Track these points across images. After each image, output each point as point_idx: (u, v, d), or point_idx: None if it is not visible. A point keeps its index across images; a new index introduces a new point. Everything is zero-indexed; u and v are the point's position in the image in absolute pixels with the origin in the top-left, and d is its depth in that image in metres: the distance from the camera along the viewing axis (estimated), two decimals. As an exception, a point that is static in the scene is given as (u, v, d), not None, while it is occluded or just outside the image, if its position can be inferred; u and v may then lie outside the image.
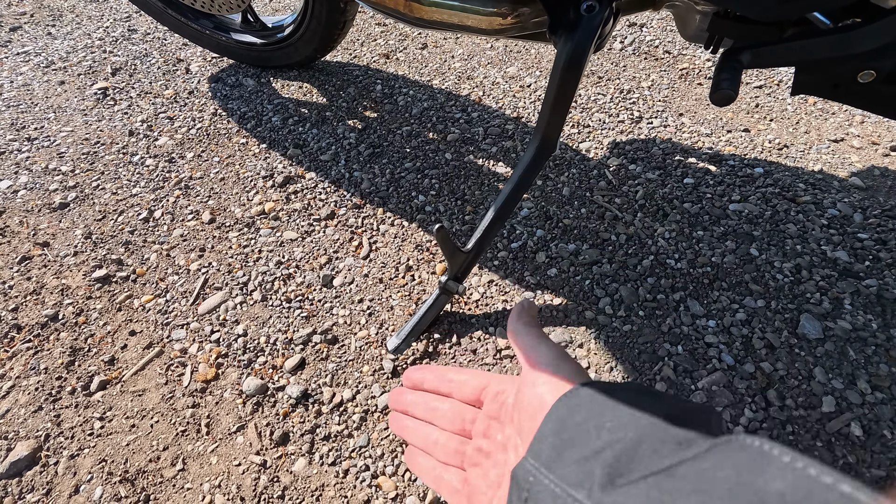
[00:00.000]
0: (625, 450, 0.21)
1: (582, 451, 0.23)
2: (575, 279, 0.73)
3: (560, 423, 0.25)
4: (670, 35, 1.21)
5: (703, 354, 0.64)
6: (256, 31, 1.11)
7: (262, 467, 0.58)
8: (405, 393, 0.41)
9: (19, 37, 1.35)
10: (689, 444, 0.20)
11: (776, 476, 0.16)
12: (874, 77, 0.47)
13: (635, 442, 0.22)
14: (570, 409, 0.26)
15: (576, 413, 0.25)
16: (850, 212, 0.79)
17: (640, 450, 0.21)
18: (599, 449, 0.22)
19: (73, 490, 0.57)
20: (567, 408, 0.26)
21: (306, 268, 0.77)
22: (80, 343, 0.70)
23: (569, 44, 0.50)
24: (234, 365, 0.67)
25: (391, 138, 0.99)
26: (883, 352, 0.63)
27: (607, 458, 0.21)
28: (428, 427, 0.37)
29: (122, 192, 0.91)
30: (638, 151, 0.93)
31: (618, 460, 0.21)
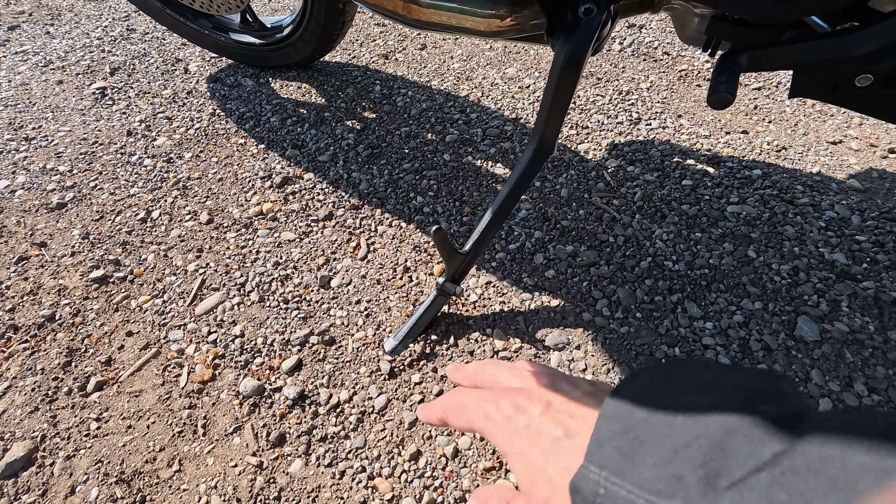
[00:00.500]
0: (714, 445, 0.18)
1: (659, 452, 0.19)
2: (573, 281, 0.73)
3: (621, 423, 0.21)
4: (669, 37, 1.21)
5: (701, 356, 0.64)
6: (255, 32, 1.11)
7: (258, 468, 0.58)
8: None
9: (17, 36, 1.34)
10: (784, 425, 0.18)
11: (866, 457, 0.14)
12: (872, 80, 0.47)
13: (723, 433, 0.18)
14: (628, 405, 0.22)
15: (637, 408, 0.21)
16: (847, 214, 0.80)
17: (731, 442, 0.18)
18: (681, 446, 0.19)
19: (69, 491, 0.57)
20: (624, 404, 0.22)
21: (304, 269, 0.77)
22: (76, 344, 0.70)
23: (567, 46, 0.50)
24: (231, 366, 0.67)
25: (390, 139, 0.99)
26: (880, 354, 0.63)
27: (696, 456, 0.18)
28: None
29: (120, 193, 0.91)
30: (636, 153, 0.93)
31: (710, 458, 0.18)
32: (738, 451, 0.17)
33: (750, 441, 0.18)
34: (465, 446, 0.58)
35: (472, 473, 0.56)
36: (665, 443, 0.19)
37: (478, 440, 0.59)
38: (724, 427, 0.18)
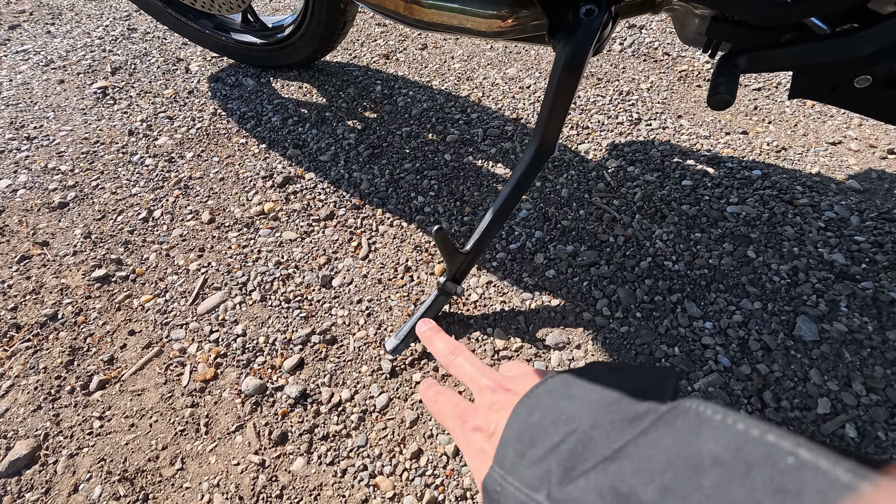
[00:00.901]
0: (579, 439, 0.21)
1: (540, 450, 0.22)
2: (573, 280, 0.74)
3: (521, 426, 0.25)
4: (669, 37, 1.22)
5: (700, 356, 0.65)
6: (256, 31, 1.11)
7: (260, 467, 0.58)
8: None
9: (18, 35, 1.34)
10: (640, 419, 0.20)
11: (710, 437, 0.17)
12: (871, 82, 0.47)
13: (589, 428, 0.21)
14: (528, 410, 0.25)
15: (534, 412, 0.25)
16: (847, 214, 0.80)
17: (594, 436, 0.21)
18: (556, 444, 0.22)
19: (73, 489, 0.57)
20: (526, 409, 0.25)
21: (305, 268, 0.78)
22: (79, 342, 0.70)
23: (568, 47, 0.50)
24: (232, 365, 0.67)
25: (390, 139, 0.99)
26: (878, 354, 0.63)
27: (563, 452, 0.21)
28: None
29: (122, 192, 0.91)
30: (636, 153, 0.93)
31: (573, 452, 0.21)
32: (597, 443, 0.20)
33: (607, 435, 0.20)
34: (466, 445, 0.59)
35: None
36: (547, 441, 0.22)
37: (479, 439, 0.59)
38: (591, 423, 0.21)
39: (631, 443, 0.19)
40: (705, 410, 0.18)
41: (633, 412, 0.21)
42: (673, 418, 0.19)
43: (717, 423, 0.17)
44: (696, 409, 0.18)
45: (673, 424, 0.18)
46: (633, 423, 0.20)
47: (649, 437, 0.19)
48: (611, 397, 0.23)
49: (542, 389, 0.26)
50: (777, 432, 0.16)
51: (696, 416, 0.18)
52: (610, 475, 0.18)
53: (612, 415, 0.21)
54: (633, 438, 0.19)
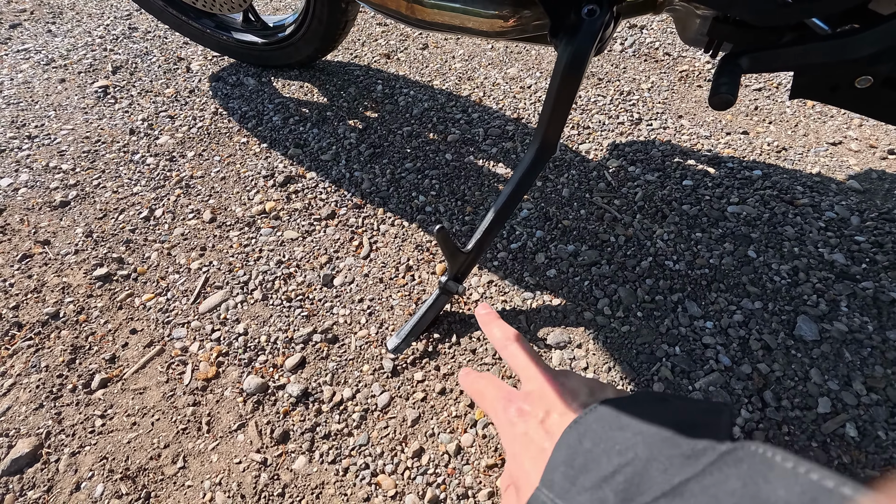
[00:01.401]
0: (636, 472, 0.21)
1: (593, 478, 0.22)
2: (574, 280, 0.74)
3: (570, 451, 0.25)
4: (670, 37, 1.22)
5: (701, 355, 0.65)
6: (257, 31, 1.11)
7: (262, 465, 0.58)
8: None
9: (19, 34, 1.34)
10: (697, 457, 0.20)
11: (780, 485, 0.17)
12: (872, 82, 0.48)
13: (645, 461, 0.21)
14: (579, 436, 0.25)
15: (585, 439, 0.25)
16: (847, 215, 0.80)
17: (650, 469, 0.21)
18: (610, 473, 0.22)
19: (74, 487, 0.57)
20: (577, 434, 0.26)
21: (307, 267, 0.78)
22: (81, 341, 0.70)
23: (570, 47, 0.51)
24: (234, 363, 0.67)
25: (392, 138, 0.99)
26: (878, 354, 0.64)
27: (619, 482, 0.21)
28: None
29: (123, 191, 0.91)
30: (637, 153, 0.93)
31: (630, 483, 0.21)
32: (654, 477, 0.21)
33: (665, 469, 0.21)
34: (468, 443, 0.59)
35: (474, 470, 0.57)
36: (600, 469, 0.23)
37: (480, 438, 0.59)
38: (647, 456, 0.22)
39: (693, 480, 0.19)
40: (774, 456, 0.18)
41: (690, 448, 0.21)
42: (737, 460, 0.19)
43: (787, 471, 0.17)
44: (764, 454, 0.18)
45: (738, 466, 0.18)
46: (691, 459, 0.20)
47: (714, 476, 0.19)
48: (666, 430, 0.23)
49: (591, 417, 0.26)
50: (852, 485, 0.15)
51: (763, 460, 0.18)
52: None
53: (669, 449, 0.22)
54: (694, 476, 0.19)
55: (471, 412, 0.61)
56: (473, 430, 0.60)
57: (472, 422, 0.60)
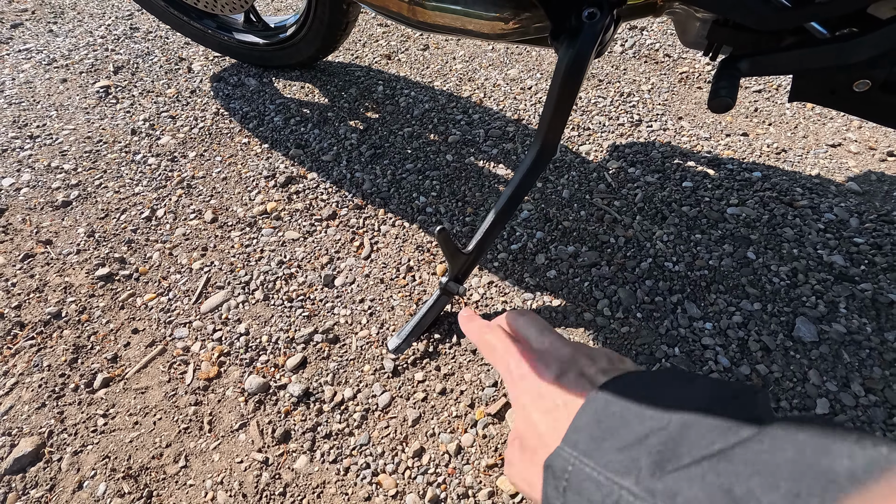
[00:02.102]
0: (671, 436, 0.20)
1: (624, 439, 0.21)
2: (574, 281, 0.74)
3: (597, 414, 0.24)
4: (670, 39, 1.22)
5: (700, 356, 0.65)
6: (259, 31, 1.11)
7: (263, 465, 0.58)
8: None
9: (20, 34, 1.35)
10: (738, 427, 0.19)
11: (843, 454, 0.16)
12: (870, 86, 0.48)
13: (681, 427, 0.20)
14: (606, 401, 0.24)
15: (612, 404, 0.24)
16: (846, 216, 0.80)
17: (687, 435, 0.20)
18: (643, 436, 0.21)
19: (77, 486, 0.58)
20: (604, 399, 0.24)
21: (308, 267, 0.78)
22: (83, 341, 0.71)
23: (570, 50, 0.51)
24: (236, 363, 0.67)
25: (392, 139, 0.99)
26: (877, 355, 0.64)
27: (653, 444, 0.20)
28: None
29: (125, 191, 0.91)
30: (637, 154, 0.94)
31: (665, 446, 0.20)
32: (691, 443, 0.20)
33: (702, 436, 0.20)
34: (468, 443, 0.59)
35: (474, 470, 0.57)
36: (631, 432, 0.22)
37: (480, 438, 0.59)
38: (683, 423, 0.21)
39: (740, 445, 0.18)
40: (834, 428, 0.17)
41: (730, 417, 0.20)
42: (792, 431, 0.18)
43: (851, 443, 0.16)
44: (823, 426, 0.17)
45: (793, 437, 0.17)
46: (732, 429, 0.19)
47: (765, 444, 0.18)
48: (700, 400, 0.22)
49: (620, 384, 0.25)
50: None
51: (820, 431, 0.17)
52: (721, 473, 0.17)
53: (707, 418, 0.20)
54: (741, 442, 0.18)
55: (471, 412, 0.62)
56: (474, 430, 0.60)
57: (473, 422, 0.61)
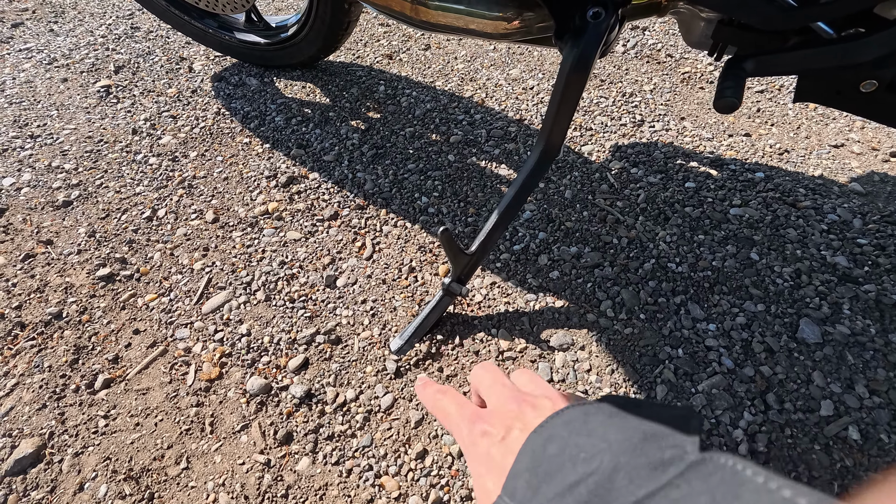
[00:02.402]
0: (600, 482, 0.21)
1: (557, 487, 0.22)
2: (577, 282, 0.74)
3: (534, 458, 0.24)
4: (672, 39, 1.22)
5: (704, 358, 0.65)
6: (260, 31, 1.11)
7: (265, 466, 0.58)
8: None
9: (21, 33, 1.34)
10: (665, 467, 0.20)
11: (751, 501, 0.16)
12: (876, 86, 0.48)
13: (610, 471, 0.21)
14: (544, 441, 0.24)
15: (550, 444, 0.24)
16: (849, 217, 0.80)
17: (615, 480, 0.20)
18: (574, 483, 0.21)
19: (78, 487, 0.57)
20: (541, 440, 0.25)
21: (309, 268, 0.78)
22: (83, 341, 0.70)
23: (575, 49, 0.51)
24: (237, 364, 0.67)
25: (394, 139, 0.99)
26: (881, 357, 0.64)
27: (582, 493, 0.21)
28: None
29: (126, 191, 0.91)
30: (640, 155, 0.93)
31: (593, 494, 0.20)
32: (619, 489, 0.20)
33: (631, 480, 0.20)
34: (471, 445, 0.59)
35: (477, 472, 0.57)
36: (564, 478, 0.22)
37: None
38: (613, 465, 0.21)
39: (660, 493, 0.18)
40: (744, 470, 0.17)
41: (657, 458, 0.20)
42: (706, 474, 0.18)
43: (758, 486, 0.16)
44: (734, 467, 0.18)
45: (707, 480, 0.18)
46: (658, 469, 0.20)
47: (681, 489, 0.18)
48: (632, 438, 0.22)
49: (558, 420, 0.25)
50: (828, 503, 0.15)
51: (732, 473, 0.17)
52: None
53: (636, 458, 0.21)
54: (660, 488, 0.19)
55: (474, 414, 0.61)
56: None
57: (476, 423, 0.60)
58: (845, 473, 0.55)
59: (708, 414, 0.60)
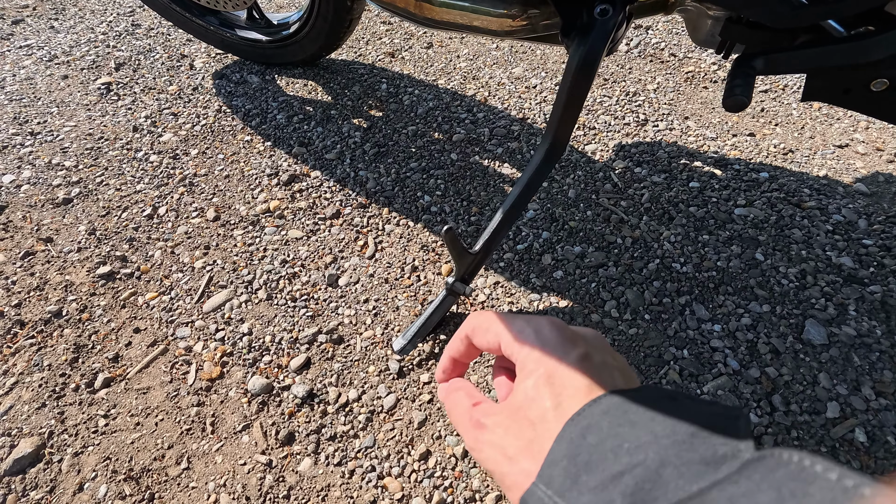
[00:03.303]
0: (647, 474, 0.20)
1: (599, 477, 0.21)
2: (581, 282, 0.73)
3: (573, 446, 0.23)
4: (676, 38, 1.21)
5: (709, 358, 0.64)
6: (262, 28, 1.10)
7: (267, 467, 0.58)
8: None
9: (22, 30, 1.34)
10: (717, 464, 0.19)
11: (824, 500, 0.15)
12: (887, 85, 0.47)
13: (658, 464, 0.20)
14: (582, 430, 0.23)
15: (589, 433, 0.23)
16: (854, 218, 0.80)
17: (663, 473, 0.19)
18: (618, 474, 0.20)
19: (78, 488, 0.57)
20: (580, 428, 0.23)
21: (311, 267, 0.77)
22: (83, 340, 0.70)
23: (581, 47, 0.50)
24: (239, 364, 0.67)
25: (396, 138, 0.99)
26: (887, 358, 0.63)
27: (628, 484, 0.20)
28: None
29: (126, 189, 0.91)
30: (643, 154, 0.93)
31: (640, 487, 0.19)
32: (668, 482, 0.19)
33: (680, 475, 0.19)
34: (475, 446, 0.58)
35: (481, 474, 0.56)
36: (606, 469, 0.21)
37: (487, 440, 0.59)
38: (660, 459, 0.20)
39: (716, 487, 0.17)
40: (813, 465, 0.16)
41: (709, 454, 0.19)
42: (769, 469, 0.17)
43: (832, 484, 0.15)
44: (800, 462, 0.16)
45: (770, 476, 0.17)
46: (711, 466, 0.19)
47: (741, 486, 0.17)
48: (680, 432, 0.21)
49: (596, 410, 0.24)
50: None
51: (800, 469, 0.16)
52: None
53: (685, 453, 0.20)
54: (717, 482, 0.18)
55: (477, 414, 0.61)
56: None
57: (479, 424, 0.60)
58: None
59: (713, 415, 0.60)
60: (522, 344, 0.28)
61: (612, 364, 0.28)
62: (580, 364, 0.27)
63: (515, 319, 0.30)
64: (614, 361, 0.28)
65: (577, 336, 0.28)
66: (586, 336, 0.29)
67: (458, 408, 0.31)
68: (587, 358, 0.27)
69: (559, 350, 0.27)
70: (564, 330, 0.28)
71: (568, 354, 0.27)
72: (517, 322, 0.30)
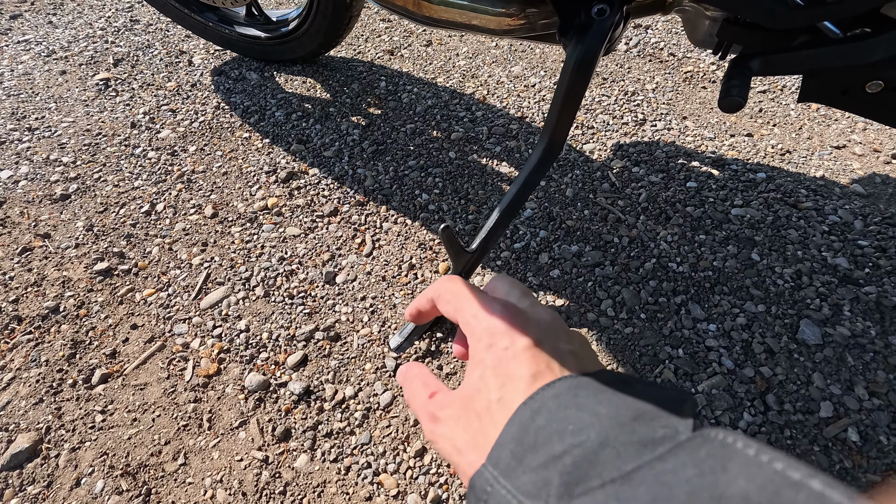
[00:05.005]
0: (585, 455, 0.20)
1: (542, 457, 0.21)
2: (577, 281, 0.74)
3: (521, 428, 0.23)
4: (675, 38, 1.22)
5: (704, 358, 0.65)
6: (260, 25, 1.10)
7: (263, 463, 0.58)
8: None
9: (20, 25, 1.33)
10: (655, 445, 0.19)
11: (740, 473, 0.15)
12: (883, 87, 0.47)
13: (598, 445, 0.20)
14: (532, 413, 0.24)
15: (538, 416, 0.23)
16: (850, 219, 0.80)
17: (602, 454, 0.20)
18: (560, 454, 0.21)
19: (75, 483, 0.57)
20: (530, 411, 0.24)
21: (309, 264, 0.77)
22: (81, 336, 0.70)
23: (579, 46, 0.50)
24: (236, 360, 0.67)
25: (395, 136, 0.99)
26: (881, 358, 0.64)
27: (566, 464, 0.20)
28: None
29: (124, 185, 0.91)
30: (641, 154, 0.93)
31: (577, 467, 0.20)
32: (605, 462, 0.19)
33: (618, 455, 0.19)
34: (470, 444, 0.59)
35: (476, 471, 0.57)
36: (549, 450, 0.21)
37: (482, 438, 0.59)
38: (601, 440, 0.20)
39: (646, 466, 0.18)
40: (735, 442, 0.17)
41: (648, 436, 0.20)
42: (695, 447, 0.17)
43: (749, 459, 0.16)
44: (724, 440, 0.17)
45: (696, 453, 0.17)
46: (648, 447, 0.19)
47: (668, 463, 0.17)
48: (623, 415, 0.22)
49: (548, 393, 0.25)
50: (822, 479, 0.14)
51: (722, 446, 0.17)
52: (621, 499, 0.17)
53: (625, 434, 0.20)
54: (647, 462, 0.18)
55: (473, 412, 0.61)
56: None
57: (475, 422, 0.60)
58: (844, 475, 0.55)
59: (708, 414, 0.60)
60: (474, 329, 0.29)
61: (564, 349, 0.28)
62: (527, 353, 0.27)
63: (472, 302, 0.30)
64: (568, 345, 0.28)
65: (529, 323, 0.28)
66: (539, 321, 0.29)
67: (415, 400, 0.32)
68: (536, 346, 0.27)
69: (506, 339, 0.28)
70: (516, 317, 0.29)
71: (515, 344, 0.27)
72: (473, 306, 0.30)
